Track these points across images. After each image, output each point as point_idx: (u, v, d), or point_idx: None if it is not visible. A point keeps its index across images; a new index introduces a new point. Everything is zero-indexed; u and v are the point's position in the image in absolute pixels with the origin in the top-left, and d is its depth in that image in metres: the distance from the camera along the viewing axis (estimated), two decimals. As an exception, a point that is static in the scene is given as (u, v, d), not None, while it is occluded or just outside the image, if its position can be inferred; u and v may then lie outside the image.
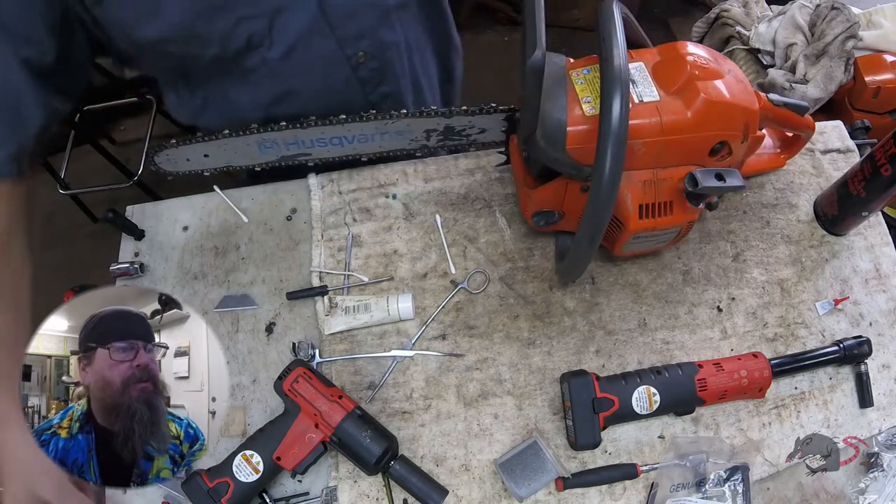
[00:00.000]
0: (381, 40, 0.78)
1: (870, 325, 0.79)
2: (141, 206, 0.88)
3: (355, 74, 0.79)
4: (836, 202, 0.80)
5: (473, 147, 0.82)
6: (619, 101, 0.51)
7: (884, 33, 1.59)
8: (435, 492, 0.66)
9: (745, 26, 1.74)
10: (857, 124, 0.93)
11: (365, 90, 0.82)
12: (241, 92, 0.78)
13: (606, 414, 0.67)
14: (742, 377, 0.69)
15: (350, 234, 0.83)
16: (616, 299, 0.79)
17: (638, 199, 0.65)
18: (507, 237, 0.83)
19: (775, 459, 0.71)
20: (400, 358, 0.76)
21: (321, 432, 0.66)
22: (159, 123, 2.06)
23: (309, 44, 0.73)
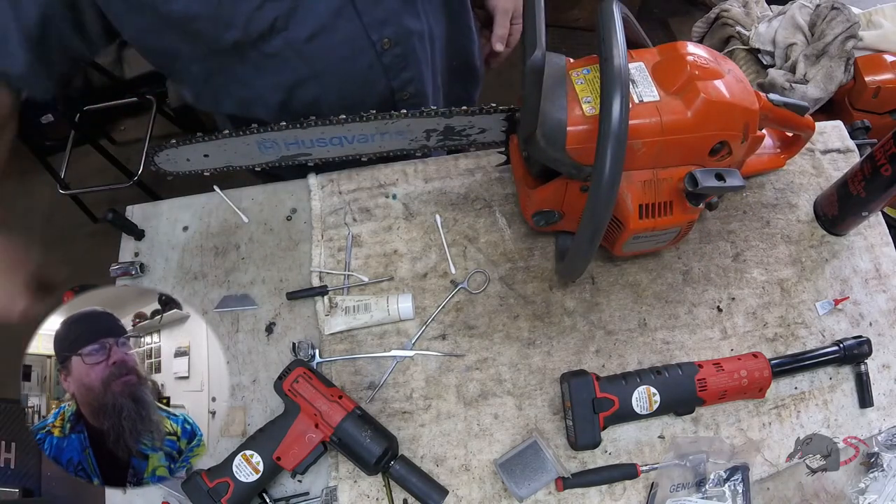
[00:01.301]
0: (406, 27, 0.77)
1: (870, 325, 0.79)
2: (141, 206, 0.88)
3: (379, 60, 0.78)
4: (836, 202, 0.80)
5: (473, 147, 0.82)
6: (619, 101, 0.51)
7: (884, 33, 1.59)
8: (435, 492, 0.66)
9: (745, 26, 1.74)
10: (857, 124, 0.93)
11: (388, 76, 0.81)
12: (262, 76, 0.76)
13: (606, 414, 0.67)
14: (742, 377, 0.69)
15: (350, 234, 0.83)
16: (616, 299, 0.79)
17: (638, 199, 0.65)
18: (507, 237, 0.83)
19: (775, 459, 0.71)
20: (400, 358, 0.76)
21: (321, 432, 0.66)
22: (159, 123, 2.07)
23: (334, 28, 0.72)
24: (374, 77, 0.80)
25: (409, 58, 0.81)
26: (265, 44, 0.71)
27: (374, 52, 0.77)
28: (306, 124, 0.74)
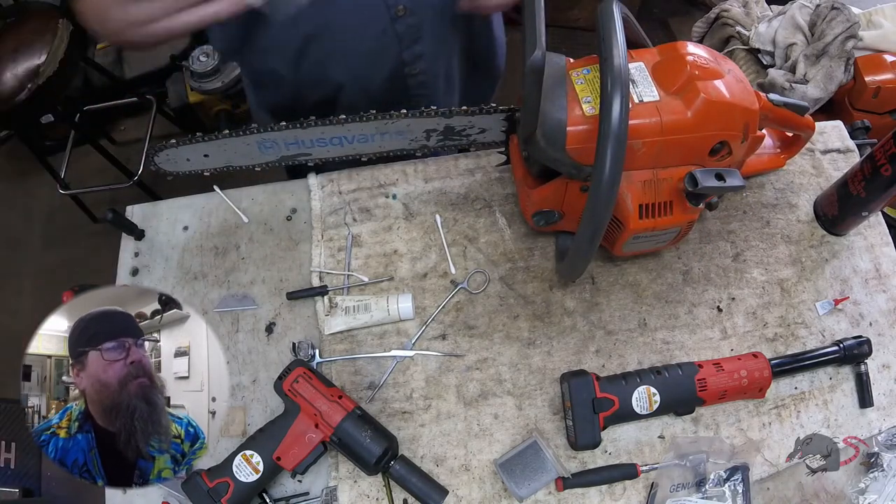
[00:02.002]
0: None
1: (870, 325, 0.79)
2: (141, 206, 0.88)
3: (393, 27, 0.78)
4: (836, 202, 0.80)
5: (473, 147, 0.82)
6: (619, 101, 0.51)
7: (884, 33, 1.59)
8: (435, 492, 0.66)
9: (745, 26, 1.74)
10: (857, 124, 0.93)
11: (401, 45, 0.81)
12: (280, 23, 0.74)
13: (606, 414, 0.67)
14: (742, 377, 0.69)
15: (350, 234, 0.83)
16: (616, 299, 0.79)
17: (638, 199, 0.65)
18: (507, 237, 0.83)
19: (775, 459, 0.71)
20: (400, 358, 0.76)
21: (321, 432, 0.66)
22: (159, 123, 2.07)
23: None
24: (386, 43, 0.80)
25: (423, 30, 0.81)
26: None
27: (388, 17, 0.77)
28: (306, 124, 0.74)
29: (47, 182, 1.95)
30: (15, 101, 1.52)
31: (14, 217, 2.19)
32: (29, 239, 2.14)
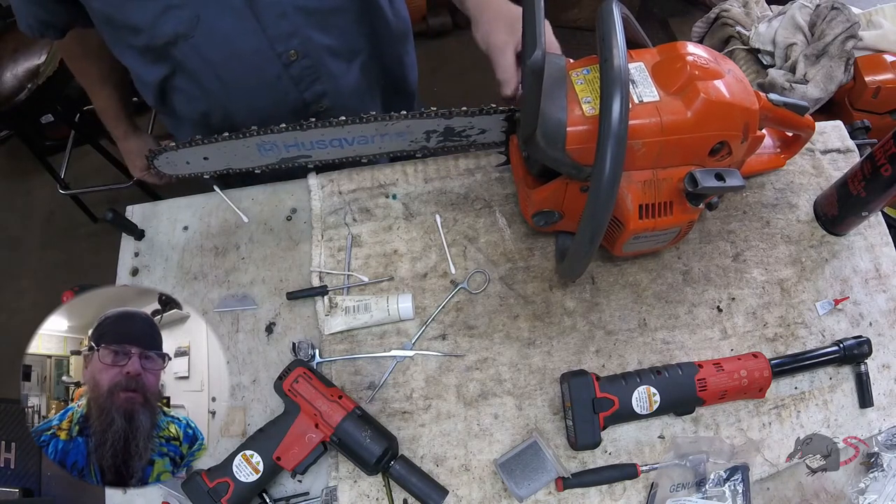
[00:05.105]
0: (314, 41, 0.79)
1: (870, 325, 0.79)
2: (141, 206, 0.88)
3: (287, 71, 0.80)
4: (836, 202, 0.80)
5: (473, 148, 0.82)
6: (619, 102, 0.51)
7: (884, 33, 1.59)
8: (435, 492, 0.66)
9: (745, 26, 1.74)
10: (857, 124, 0.93)
11: (299, 87, 0.83)
12: (181, 80, 0.80)
13: (606, 414, 0.67)
14: (742, 377, 0.69)
15: (350, 234, 0.83)
16: (616, 299, 0.79)
17: (638, 199, 0.65)
18: (507, 237, 0.83)
19: (775, 459, 0.71)
20: (400, 358, 0.76)
21: (321, 432, 0.66)
22: (159, 124, 2.06)
23: (239, 39, 0.75)
24: (283, 88, 0.82)
25: (320, 70, 0.82)
26: (174, 49, 0.74)
27: (280, 63, 0.78)
28: (306, 126, 0.74)
29: (47, 182, 1.95)
30: (15, 101, 1.53)
31: (14, 217, 2.19)
32: (29, 239, 2.14)
